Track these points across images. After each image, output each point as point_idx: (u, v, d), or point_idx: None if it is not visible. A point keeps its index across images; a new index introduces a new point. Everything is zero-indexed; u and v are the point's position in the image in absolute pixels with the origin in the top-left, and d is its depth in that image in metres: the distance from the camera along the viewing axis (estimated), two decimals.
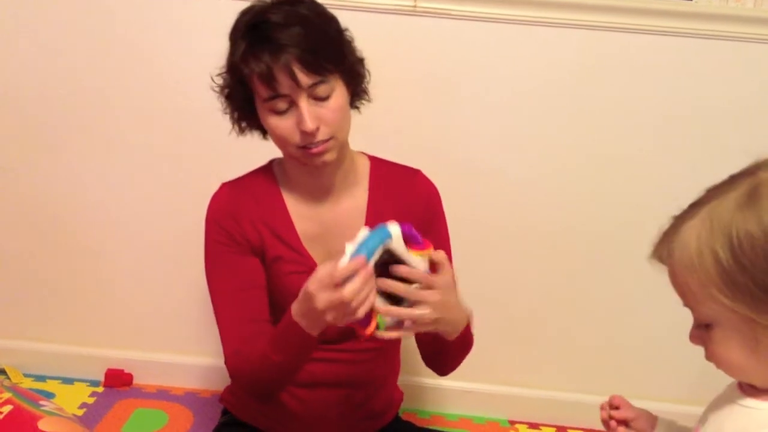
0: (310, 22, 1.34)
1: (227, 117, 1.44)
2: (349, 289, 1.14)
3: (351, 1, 1.97)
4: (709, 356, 0.91)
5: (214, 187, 1.53)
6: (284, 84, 1.31)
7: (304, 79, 1.31)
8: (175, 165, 2.15)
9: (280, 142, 1.38)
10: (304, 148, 1.35)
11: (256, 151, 1.54)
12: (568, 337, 2.22)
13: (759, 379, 0.89)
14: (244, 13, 1.38)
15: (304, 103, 1.32)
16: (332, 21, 1.40)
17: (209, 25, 2.01)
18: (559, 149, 2.09)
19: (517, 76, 2.05)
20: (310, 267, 1.45)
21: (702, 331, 0.91)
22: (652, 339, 2.19)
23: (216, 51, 2.06)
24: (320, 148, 1.35)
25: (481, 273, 2.13)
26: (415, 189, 1.54)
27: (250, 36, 1.34)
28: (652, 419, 1.16)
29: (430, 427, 1.75)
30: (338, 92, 1.36)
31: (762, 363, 0.87)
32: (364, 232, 1.20)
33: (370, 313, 1.20)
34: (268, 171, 1.53)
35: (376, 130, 1.52)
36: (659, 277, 0.94)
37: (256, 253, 1.47)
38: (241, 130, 1.48)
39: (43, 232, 2.21)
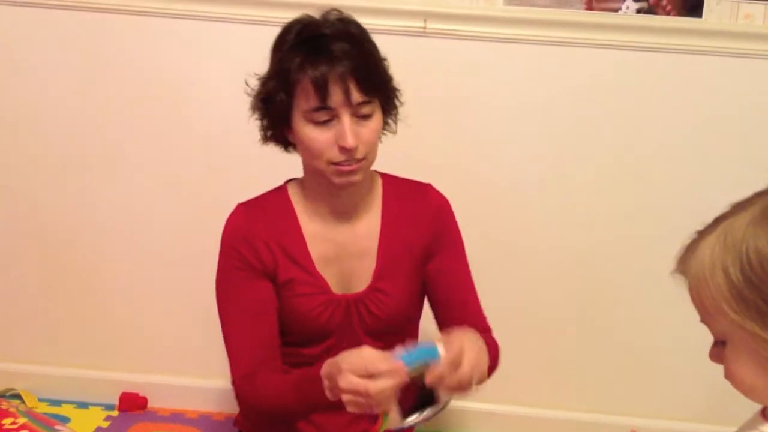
0: (360, 43, 1.36)
1: (238, 139, 1.44)
2: (377, 386, 1.14)
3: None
4: (726, 375, 0.90)
5: (227, 208, 1.53)
6: (335, 97, 1.31)
7: (356, 95, 1.32)
8: (189, 186, 2.17)
9: (313, 154, 1.36)
10: (337, 164, 1.35)
11: (266, 173, 1.54)
12: (585, 358, 2.21)
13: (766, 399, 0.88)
14: (293, 24, 1.39)
15: (348, 119, 1.32)
16: (376, 46, 1.41)
17: (219, 49, 2.06)
18: (569, 167, 2.09)
19: (527, 95, 2.06)
20: (322, 289, 1.46)
21: (720, 349, 0.90)
22: (668, 359, 2.17)
23: (223, 74, 2.09)
24: (353, 167, 1.35)
25: (501, 293, 2.12)
26: (426, 203, 1.53)
27: (307, 46, 1.34)
28: None
29: None
30: (377, 115, 1.38)
31: None
32: (420, 344, 1.22)
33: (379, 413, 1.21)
34: (283, 192, 1.51)
35: (387, 149, 1.52)
36: (676, 296, 0.93)
37: (269, 275, 1.46)
38: (266, 139, 1.47)
39: (58, 257, 2.23)
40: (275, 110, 1.39)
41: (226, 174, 2.12)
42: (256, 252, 1.45)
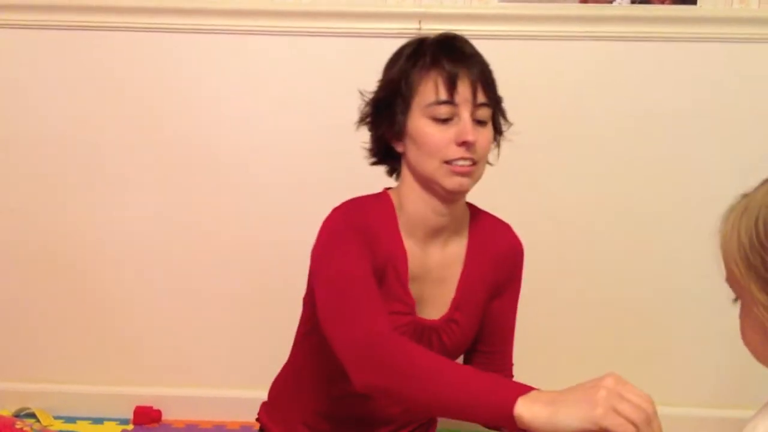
0: (480, 53, 1.38)
1: (241, 151, 1.40)
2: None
3: (356, 28, 2.00)
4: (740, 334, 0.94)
5: (235, 220, 1.52)
6: (463, 93, 1.31)
7: (481, 95, 1.32)
8: (196, 200, 2.17)
9: (428, 152, 1.33)
10: (451, 163, 1.32)
11: (270, 184, 1.55)
12: (593, 348, 2.21)
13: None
14: (411, 40, 1.39)
15: (467, 115, 1.31)
16: None
17: (218, 63, 2.07)
18: (570, 162, 2.10)
19: (525, 92, 2.05)
20: (410, 309, 1.41)
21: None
22: (678, 345, 2.17)
23: (224, 88, 2.09)
24: (465, 168, 1.32)
25: None
26: (507, 243, 1.52)
27: (435, 46, 1.35)
28: None
29: None
30: (490, 127, 1.37)
31: None
32: None
33: None
34: (386, 199, 1.44)
35: None
36: (680, 282, 0.94)
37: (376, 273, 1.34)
38: (374, 154, 1.44)
39: (67, 275, 2.23)
40: (392, 112, 1.36)
41: (238, 187, 2.13)
42: (373, 244, 1.35)
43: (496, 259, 1.49)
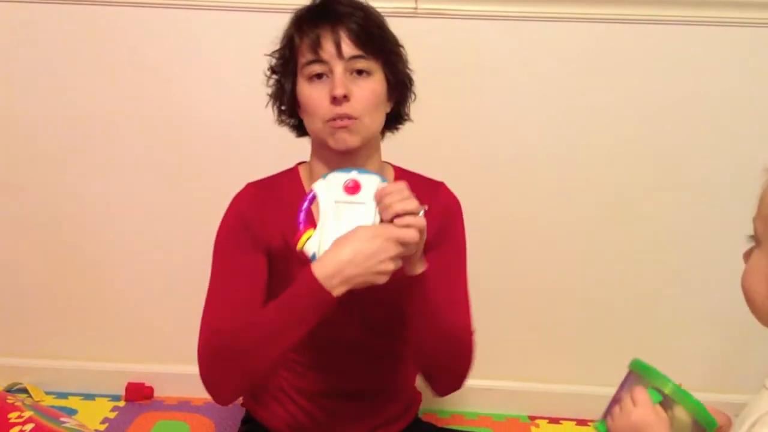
0: (364, 9, 1.40)
1: (239, 130, 1.40)
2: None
3: None
4: (742, 276, 0.96)
5: (223, 195, 1.53)
6: (327, 48, 1.34)
7: (348, 48, 1.35)
8: (192, 177, 2.17)
9: (310, 113, 1.38)
10: (331, 121, 1.35)
11: (269, 163, 1.55)
12: (585, 330, 2.22)
13: (763, 314, 0.95)
14: (298, 9, 1.43)
15: (339, 70, 1.34)
16: (383, 19, 1.44)
17: (217, 40, 2.06)
18: (565, 144, 2.09)
19: (521, 73, 2.05)
20: None
21: (751, 250, 0.96)
22: (669, 329, 2.18)
23: (224, 65, 2.08)
24: (344, 122, 1.35)
25: (497, 269, 2.13)
26: (436, 201, 1.51)
27: (311, 10, 1.40)
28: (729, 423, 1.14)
29: (451, 427, 1.75)
30: (376, 78, 1.39)
31: None
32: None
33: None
34: (294, 174, 1.52)
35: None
36: (676, 268, 0.94)
37: (273, 254, 1.45)
38: (281, 121, 1.50)
39: (60, 250, 2.23)
40: (281, 79, 1.43)
41: (229, 164, 2.12)
42: (264, 231, 1.44)
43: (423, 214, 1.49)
